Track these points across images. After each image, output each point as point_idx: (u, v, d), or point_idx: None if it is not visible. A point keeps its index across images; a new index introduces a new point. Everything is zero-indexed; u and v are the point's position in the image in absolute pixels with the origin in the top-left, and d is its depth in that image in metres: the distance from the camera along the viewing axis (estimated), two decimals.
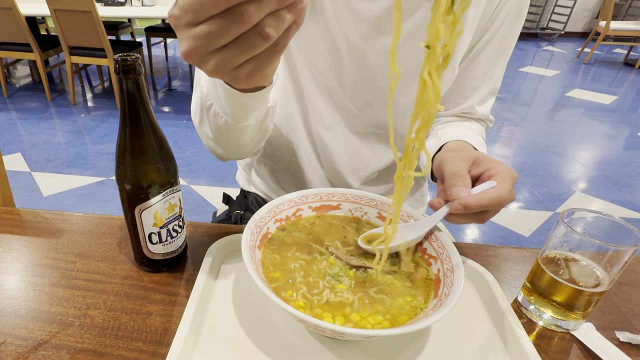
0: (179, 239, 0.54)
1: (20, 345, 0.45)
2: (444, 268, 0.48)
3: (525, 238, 1.96)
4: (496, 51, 0.65)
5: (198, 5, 0.29)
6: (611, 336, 0.49)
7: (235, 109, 0.48)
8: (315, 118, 0.70)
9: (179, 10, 0.30)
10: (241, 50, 0.31)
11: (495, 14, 0.61)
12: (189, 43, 0.31)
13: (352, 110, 0.68)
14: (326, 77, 0.65)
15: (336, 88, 0.66)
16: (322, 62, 0.64)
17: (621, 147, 2.94)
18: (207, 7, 0.29)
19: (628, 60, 5.27)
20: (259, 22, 0.30)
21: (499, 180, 0.47)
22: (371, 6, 0.58)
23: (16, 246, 0.60)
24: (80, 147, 2.74)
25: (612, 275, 0.45)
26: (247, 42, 0.31)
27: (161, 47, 5.02)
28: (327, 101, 0.68)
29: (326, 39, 0.62)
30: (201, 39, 0.31)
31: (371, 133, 0.71)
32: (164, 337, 0.46)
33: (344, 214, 0.60)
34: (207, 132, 0.57)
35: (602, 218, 0.47)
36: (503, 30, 0.63)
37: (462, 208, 0.46)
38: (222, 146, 0.59)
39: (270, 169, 0.80)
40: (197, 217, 2.04)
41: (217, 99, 0.49)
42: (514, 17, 0.62)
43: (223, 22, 0.29)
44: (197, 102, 0.56)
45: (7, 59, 3.85)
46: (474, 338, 0.48)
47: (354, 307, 0.44)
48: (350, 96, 0.67)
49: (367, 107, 0.68)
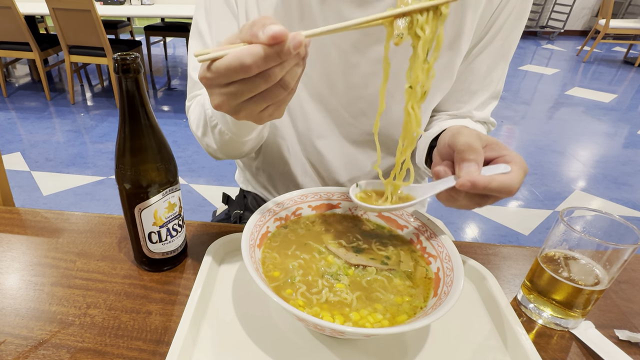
0: (179, 238, 0.54)
1: (20, 344, 0.45)
2: (443, 267, 0.48)
3: (524, 237, 1.96)
4: (497, 54, 0.64)
5: (232, 72, 0.34)
6: (610, 334, 0.49)
7: (241, 130, 0.55)
8: (308, 127, 0.69)
9: (212, 74, 0.35)
10: (266, 100, 0.37)
11: (495, 15, 0.60)
12: (221, 99, 0.37)
13: (347, 118, 0.68)
14: (318, 85, 0.65)
15: (329, 96, 0.66)
16: (313, 70, 0.63)
17: (621, 145, 2.94)
18: (240, 73, 0.34)
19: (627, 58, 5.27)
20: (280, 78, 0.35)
21: (514, 169, 0.43)
22: (361, 14, 0.57)
23: (16, 245, 0.60)
24: (80, 146, 2.74)
25: (611, 274, 0.45)
26: (271, 94, 0.37)
27: (160, 46, 5.01)
28: (321, 110, 0.67)
29: (317, 46, 0.61)
30: (232, 95, 0.36)
31: (368, 140, 0.71)
32: (164, 336, 0.46)
33: (344, 213, 0.60)
34: (211, 144, 0.62)
35: (602, 216, 0.48)
36: (504, 32, 0.62)
37: (470, 185, 0.42)
38: (224, 153, 0.64)
39: (268, 175, 0.80)
40: (196, 216, 2.04)
41: (223, 121, 0.55)
42: (516, 19, 0.61)
43: (252, 82, 0.35)
44: (199, 118, 0.61)
45: (7, 58, 3.85)
46: (473, 337, 0.48)
47: (353, 306, 0.45)
48: (344, 105, 0.66)
49: (362, 115, 0.67)
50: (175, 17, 3.32)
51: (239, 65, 0.33)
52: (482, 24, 0.61)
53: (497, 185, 0.42)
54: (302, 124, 0.69)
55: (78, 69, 3.76)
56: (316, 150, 0.71)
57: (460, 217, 2.10)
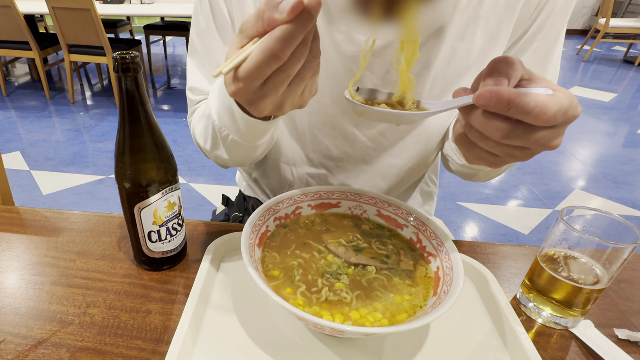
0: (179, 238, 0.54)
1: (20, 343, 0.45)
2: (443, 266, 0.48)
3: (524, 236, 1.96)
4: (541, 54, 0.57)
5: (265, 67, 0.32)
6: (610, 334, 0.49)
7: (255, 135, 0.52)
8: (320, 152, 0.68)
9: (244, 81, 0.34)
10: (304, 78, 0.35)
11: (535, 13, 0.54)
12: (264, 102, 0.36)
13: (365, 142, 0.66)
14: (330, 112, 0.63)
15: (343, 122, 0.64)
16: (323, 97, 0.61)
17: (621, 144, 2.94)
18: (273, 64, 0.32)
19: (628, 57, 5.26)
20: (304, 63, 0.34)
21: (557, 94, 0.32)
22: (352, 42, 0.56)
23: (16, 245, 0.60)
24: (80, 145, 2.74)
25: (611, 273, 0.45)
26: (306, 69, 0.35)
27: (160, 45, 5.01)
28: (336, 136, 0.66)
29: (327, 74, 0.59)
30: (272, 91, 0.35)
31: (387, 162, 0.68)
32: (164, 335, 0.46)
33: (344, 212, 0.60)
34: (222, 155, 0.60)
35: (602, 216, 0.48)
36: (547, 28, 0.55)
37: (489, 96, 0.31)
38: (235, 162, 0.62)
39: (267, 185, 0.80)
40: (196, 215, 2.04)
41: (234, 130, 0.52)
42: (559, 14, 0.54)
43: (287, 68, 0.33)
44: (207, 132, 0.59)
45: (6, 58, 3.85)
46: (473, 336, 0.48)
47: (353, 305, 0.45)
48: (360, 128, 0.64)
49: (381, 137, 0.65)
50: (175, 16, 3.32)
51: (270, 56, 0.32)
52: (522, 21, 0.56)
53: (527, 103, 0.31)
54: (311, 148, 0.68)
55: (78, 68, 3.76)
56: (329, 171, 0.70)
57: (461, 217, 2.10)
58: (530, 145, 0.34)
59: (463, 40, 0.56)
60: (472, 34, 0.56)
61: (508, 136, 0.33)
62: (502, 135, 0.33)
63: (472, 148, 0.38)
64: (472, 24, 0.55)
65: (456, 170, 0.65)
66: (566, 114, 0.32)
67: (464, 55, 0.57)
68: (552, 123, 0.32)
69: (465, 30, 0.55)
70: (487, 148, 0.36)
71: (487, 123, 0.33)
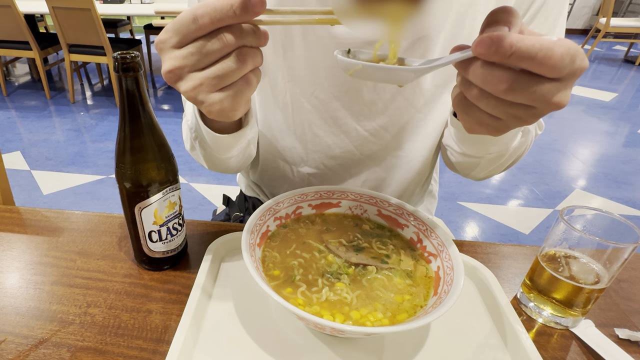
0: (179, 237, 0.54)
1: (20, 343, 0.45)
2: (443, 266, 0.48)
3: (524, 235, 1.96)
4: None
5: (184, 26, 0.32)
6: (610, 333, 0.49)
7: (216, 146, 0.53)
8: (321, 152, 0.68)
9: (165, 34, 0.34)
10: (222, 78, 0.34)
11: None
12: (171, 63, 0.34)
13: (367, 137, 0.66)
14: (330, 107, 0.63)
15: (345, 118, 0.64)
16: (322, 92, 0.61)
17: (621, 144, 2.94)
18: (192, 26, 0.32)
19: (628, 57, 5.26)
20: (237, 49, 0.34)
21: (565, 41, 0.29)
22: (352, 34, 0.56)
23: (16, 245, 0.60)
24: (80, 145, 2.74)
25: (611, 273, 0.45)
26: (225, 68, 0.34)
27: None
28: (337, 133, 0.65)
29: (326, 66, 0.59)
30: (183, 59, 0.34)
31: (390, 156, 0.68)
32: (165, 335, 0.46)
33: (344, 212, 0.60)
34: (198, 157, 0.61)
35: (602, 215, 0.48)
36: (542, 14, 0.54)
37: (489, 42, 0.29)
38: (213, 168, 0.64)
39: (267, 187, 0.80)
40: (197, 215, 2.04)
41: (200, 135, 0.53)
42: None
43: (205, 44, 0.33)
44: (186, 132, 0.60)
45: (6, 57, 3.85)
46: (473, 335, 0.48)
47: (353, 304, 0.45)
48: (361, 123, 0.64)
49: (383, 130, 0.65)
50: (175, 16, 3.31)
51: (191, 18, 0.32)
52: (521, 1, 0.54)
53: (531, 45, 0.28)
54: (311, 146, 0.67)
55: (78, 68, 3.76)
56: (331, 171, 0.70)
57: (461, 216, 2.10)
58: (535, 101, 0.31)
59: (463, 27, 0.56)
60: (472, 20, 0.55)
61: (511, 87, 0.30)
62: (504, 88, 0.30)
63: (471, 111, 0.35)
64: (471, 9, 0.55)
65: (456, 161, 0.64)
66: (573, 61, 0.29)
67: (465, 41, 0.57)
68: (559, 69, 0.29)
69: (465, 17, 0.55)
70: (488, 109, 0.33)
71: (488, 75, 0.31)
